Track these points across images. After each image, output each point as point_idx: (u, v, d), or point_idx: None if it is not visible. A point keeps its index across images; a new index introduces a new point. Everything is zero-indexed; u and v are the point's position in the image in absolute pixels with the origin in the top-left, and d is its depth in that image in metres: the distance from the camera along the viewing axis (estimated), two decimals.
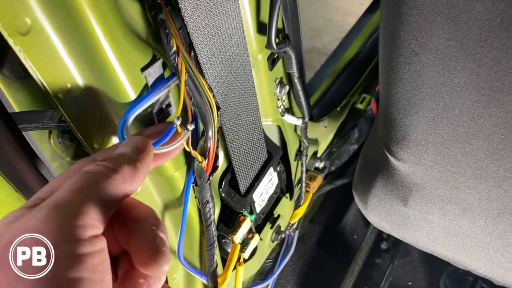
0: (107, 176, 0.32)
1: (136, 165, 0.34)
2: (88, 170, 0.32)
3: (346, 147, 1.11)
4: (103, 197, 0.30)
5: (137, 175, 0.34)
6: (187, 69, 0.41)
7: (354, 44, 1.38)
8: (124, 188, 0.32)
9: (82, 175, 0.31)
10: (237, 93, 0.56)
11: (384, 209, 0.68)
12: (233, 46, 0.51)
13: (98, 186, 0.30)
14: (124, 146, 0.36)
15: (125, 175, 0.32)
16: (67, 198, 0.29)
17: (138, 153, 0.35)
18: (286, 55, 0.63)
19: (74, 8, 0.34)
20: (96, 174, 0.32)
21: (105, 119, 0.42)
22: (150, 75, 0.41)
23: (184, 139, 0.42)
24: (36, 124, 0.52)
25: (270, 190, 0.76)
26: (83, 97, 0.39)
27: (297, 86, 0.68)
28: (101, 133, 0.43)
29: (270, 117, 0.70)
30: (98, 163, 0.33)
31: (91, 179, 0.31)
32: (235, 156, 0.62)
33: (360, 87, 1.21)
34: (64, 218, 0.28)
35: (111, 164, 0.32)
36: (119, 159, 0.34)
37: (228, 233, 0.70)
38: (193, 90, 0.43)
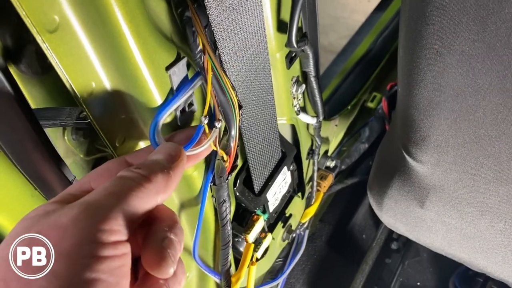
0: (140, 184, 0.31)
1: (170, 173, 0.34)
2: (124, 176, 0.32)
3: (356, 146, 1.10)
4: (134, 204, 0.30)
5: (170, 183, 0.34)
6: (212, 68, 0.41)
7: (364, 42, 1.37)
8: (156, 197, 0.32)
9: (117, 180, 0.32)
10: (256, 91, 0.55)
11: (400, 210, 0.68)
12: (254, 44, 0.50)
13: (131, 194, 0.30)
14: (158, 153, 0.35)
15: (158, 184, 0.32)
16: (99, 201, 0.29)
17: (171, 160, 0.35)
18: (303, 53, 0.63)
19: (102, 5, 0.33)
20: (131, 181, 0.31)
21: (128, 117, 0.42)
22: (174, 74, 0.41)
23: (213, 138, 0.41)
24: (54, 121, 0.51)
25: (283, 189, 0.75)
26: (108, 95, 0.39)
27: (313, 84, 0.68)
28: (123, 131, 0.42)
29: (285, 116, 0.70)
30: (133, 169, 0.33)
31: (126, 185, 0.31)
32: (251, 155, 0.62)
33: (370, 86, 1.20)
34: (92, 220, 0.28)
35: (145, 172, 0.32)
36: (153, 167, 0.33)
37: (241, 232, 0.70)
38: (218, 89, 0.42)
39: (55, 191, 0.46)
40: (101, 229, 0.28)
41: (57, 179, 0.45)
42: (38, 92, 0.59)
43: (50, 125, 0.52)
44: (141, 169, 0.33)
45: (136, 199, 0.31)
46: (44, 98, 0.59)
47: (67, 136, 0.67)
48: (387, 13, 1.47)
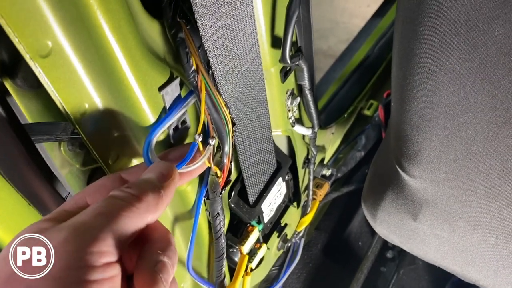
0: (130, 204, 0.32)
1: (160, 193, 0.34)
2: (114, 196, 0.32)
3: (352, 154, 1.11)
4: (124, 225, 0.31)
5: (161, 203, 0.34)
6: (206, 87, 0.41)
7: (362, 49, 1.37)
8: (146, 217, 0.32)
9: (107, 200, 0.32)
10: (250, 106, 0.55)
11: (393, 223, 0.68)
12: (248, 61, 0.51)
13: (120, 214, 0.31)
14: (149, 172, 0.36)
15: (148, 204, 0.33)
16: (88, 222, 0.30)
17: (163, 180, 0.35)
18: (298, 67, 0.63)
19: (95, 30, 0.33)
20: (121, 201, 0.32)
21: (121, 136, 0.42)
22: (167, 94, 0.41)
23: (207, 155, 0.42)
24: (49, 136, 0.52)
25: (278, 200, 0.76)
26: (100, 115, 0.39)
27: (308, 97, 0.68)
28: (116, 149, 0.43)
29: (280, 128, 0.70)
30: (123, 189, 0.33)
31: (115, 205, 0.31)
32: (246, 167, 0.62)
33: (367, 93, 1.20)
34: (81, 242, 0.28)
35: (136, 192, 0.33)
36: (144, 186, 0.34)
37: (236, 243, 0.70)
38: (211, 107, 0.42)
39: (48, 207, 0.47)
40: (90, 251, 0.28)
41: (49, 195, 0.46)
42: (34, 106, 0.59)
43: (45, 140, 0.53)
44: (131, 189, 0.33)
45: (125, 219, 0.31)
46: (40, 111, 0.59)
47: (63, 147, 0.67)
48: (385, 20, 1.47)
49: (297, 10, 0.51)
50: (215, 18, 0.42)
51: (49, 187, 0.44)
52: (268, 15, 0.55)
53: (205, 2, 0.40)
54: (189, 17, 0.38)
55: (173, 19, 0.38)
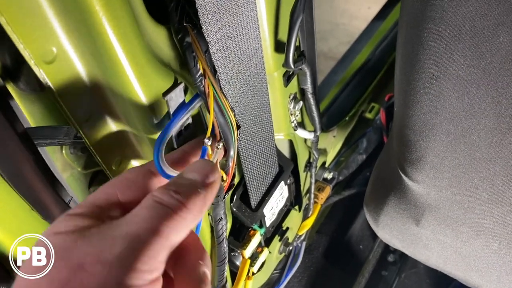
0: (178, 214, 0.29)
1: (205, 198, 0.31)
2: (161, 201, 0.29)
3: (354, 157, 1.10)
4: (173, 238, 0.28)
5: (204, 209, 0.31)
6: (212, 90, 0.41)
7: (363, 52, 1.37)
8: (189, 226, 0.30)
9: (155, 206, 0.29)
10: (253, 111, 0.55)
11: (396, 228, 0.68)
12: (252, 66, 0.50)
13: (170, 227, 0.28)
14: (194, 172, 0.33)
15: (194, 212, 0.30)
16: (142, 237, 0.28)
17: (207, 183, 0.32)
18: (301, 71, 0.63)
19: (100, 37, 0.33)
20: (169, 210, 0.29)
21: (125, 142, 0.42)
22: (171, 100, 0.41)
23: (216, 157, 0.42)
24: (52, 140, 0.51)
25: (280, 204, 0.75)
26: (105, 122, 0.39)
27: (310, 101, 0.68)
28: (119, 155, 0.43)
29: (283, 132, 0.70)
30: (172, 194, 0.30)
31: (165, 216, 0.29)
32: (248, 171, 0.62)
33: (369, 96, 1.20)
34: (136, 258, 0.27)
35: (184, 198, 0.30)
36: (191, 191, 0.31)
37: (238, 247, 0.70)
38: (217, 111, 0.42)
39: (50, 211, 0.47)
40: (143, 269, 0.26)
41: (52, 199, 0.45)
42: (37, 109, 0.59)
43: (47, 144, 0.52)
44: (180, 195, 0.30)
45: (175, 232, 0.29)
46: (42, 115, 0.59)
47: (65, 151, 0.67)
48: (386, 22, 1.47)
49: (301, 15, 0.51)
50: (220, 23, 0.42)
51: (51, 192, 0.44)
52: (272, 20, 0.54)
53: (210, 8, 0.40)
54: (195, 21, 0.38)
55: (179, 23, 0.38)
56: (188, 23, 0.38)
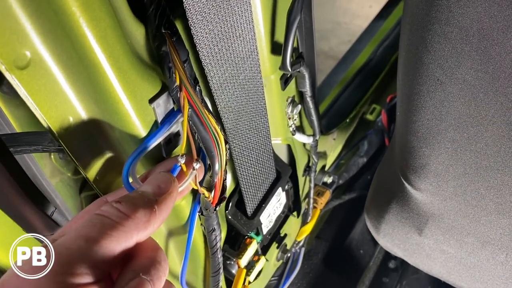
0: (117, 222, 0.30)
1: (154, 208, 0.32)
2: (100, 213, 0.30)
3: (354, 160, 1.08)
4: (106, 246, 0.29)
5: (153, 219, 0.31)
6: (191, 103, 0.38)
7: (364, 51, 1.34)
8: (133, 236, 0.30)
9: (92, 218, 0.30)
10: (249, 116, 0.53)
11: (398, 236, 0.66)
12: (247, 69, 0.48)
13: (103, 234, 0.29)
14: (147, 184, 0.34)
15: (138, 221, 0.30)
16: (66, 244, 0.28)
17: (159, 193, 0.33)
18: (299, 74, 0.60)
19: (78, 39, 0.31)
20: (105, 219, 0.30)
21: (109, 152, 0.39)
22: (158, 107, 0.38)
23: (190, 179, 0.39)
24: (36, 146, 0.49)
25: (277, 211, 0.73)
26: (86, 131, 0.36)
27: (309, 104, 0.65)
28: (104, 165, 0.40)
29: (280, 136, 0.68)
30: (113, 204, 0.31)
31: (98, 224, 0.29)
32: (243, 178, 0.59)
33: (370, 97, 1.18)
34: (60, 265, 0.27)
35: (125, 208, 0.30)
36: (136, 200, 0.32)
37: (233, 256, 0.67)
38: (198, 125, 0.39)
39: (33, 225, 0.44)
40: (64, 272, 0.27)
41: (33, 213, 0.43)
42: (21, 113, 0.56)
43: (32, 151, 0.50)
44: (121, 204, 0.31)
45: (109, 240, 0.29)
46: (28, 119, 0.57)
47: (54, 156, 0.65)
48: (388, 22, 1.44)
49: (298, 15, 0.48)
50: (211, 24, 0.40)
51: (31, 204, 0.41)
52: (268, 20, 0.52)
53: (200, 9, 0.37)
54: (175, 28, 0.35)
55: (157, 30, 0.35)
56: (167, 29, 0.35)
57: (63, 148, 0.48)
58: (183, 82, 0.37)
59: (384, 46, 1.33)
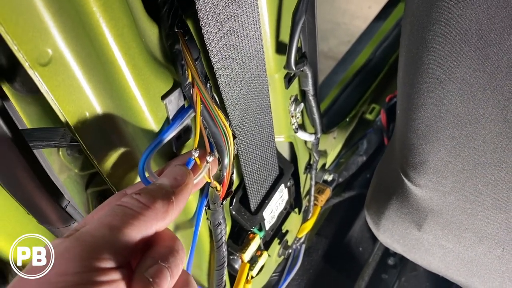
0: (137, 212, 0.31)
1: (171, 199, 0.33)
2: (121, 203, 0.32)
3: (354, 158, 1.10)
4: (128, 234, 0.30)
5: (171, 210, 0.33)
6: (202, 100, 0.40)
7: (364, 52, 1.36)
8: (154, 225, 0.32)
9: (114, 208, 0.32)
10: (254, 113, 0.54)
11: (397, 232, 0.67)
12: (253, 68, 0.49)
13: (125, 223, 0.30)
14: (164, 177, 0.35)
15: (157, 211, 0.32)
16: (90, 232, 0.30)
17: (176, 185, 0.35)
18: (302, 73, 0.62)
19: (97, 38, 0.32)
20: (126, 209, 0.31)
21: (122, 146, 0.41)
22: (170, 103, 0.40)
23: (204, 172, 0.41)
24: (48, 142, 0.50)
25: (280, 207, 0.75)
26: (101, 124, 0.38)
27: (311, 103, 0.67)
28: (117, 160, 0.41)
29: (283, 134, 0.69)
30: (133, 195, 0.32)
31: (120, 214, 0.31)
32: (248, 174, 0.61)
33: (369, 97, 1.19)
34: (80, 250, 0.28)
35: (144, 199, 0.32)
36: (155, 192, 0.33)
37: (237, 251, 0.69)
38: (208, 120, 0.41)
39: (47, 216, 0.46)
40: (90, 257, 0.28)
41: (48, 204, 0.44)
42: (33, 111, 0.58)
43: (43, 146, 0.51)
44: (141, 196, 0.33)
45: (130, 228, 0.30)
46: (39, 116, 0.58)
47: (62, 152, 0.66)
48: (387, 23, 1.45)
49: (303, 16, 0.50)
50: (220, 24, 0.41)
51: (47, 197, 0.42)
52: (273, 20, 0.53)
53: (211, 9, 0.39)
54: (187, 27, 0.37)
55: (170, 29, 0.37)
56: (180, 28, 0.36)
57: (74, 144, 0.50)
58: (195, 79, 0.39)
59: (384, 46, 1.35)
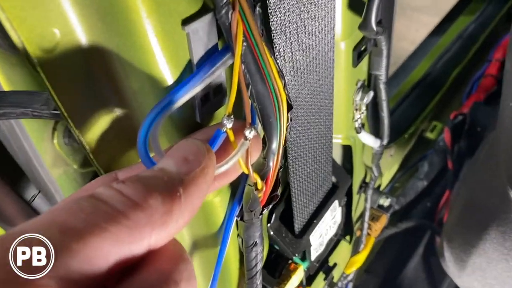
0: (118, 211, 0.19)
1: (177, 192, 0.20)
2: (94, 195, 0.19)
3: (413, 182, 0.93)
4: (96, 245, 0.18)
5: (176, 210, 0.20)
6: (247, 35, 0.25)
7: (420, 66, 1.23)
8: (144, 236, 0.19)
9: (79, 201, 0.19)
10: (312, 90, 0.39)
11: (494, 274, 0.49)
12: (317, 16, 0.34)
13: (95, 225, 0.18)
14: (168, 157, 0.22)
15: (152, 212, 0.19)
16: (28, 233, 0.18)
17: (186, 169, 0.22)
18: (375, 48, 0.46)
19: None
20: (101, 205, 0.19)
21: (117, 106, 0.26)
22: (195, 34, 0.25)
23: (239, 154, 0.26)
24: (24, 109, 0.36)
25: (330, 231, 0.58)
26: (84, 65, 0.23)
27: (382, 93, 0.51)
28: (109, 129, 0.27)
29: (342, 133, 0.53)
30: (114, 185, 0.20)
31: (88, 210, 0.19)
32: (295, 180, 0.45)
33: (430, 113, 1.04)
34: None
35: (132, 190, 0.20)
36: (151, 180, 0.21)
37: (272, 285, 0.53)
38: (254, 72, 0.26)
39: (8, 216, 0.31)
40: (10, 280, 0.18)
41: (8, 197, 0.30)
42: (19, 75, 0.44)
43: (18, 115, 0.37)
44: (126, 185, 0.20)
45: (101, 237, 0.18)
46: (27, 83, 0.45)
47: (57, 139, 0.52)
48: (446, 37, 1.34)
49: None
50: None
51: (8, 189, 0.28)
52: None
53: None
54: None
55: None
56: None
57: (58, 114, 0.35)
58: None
59: (444, 60, 1.22)
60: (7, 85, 0.43)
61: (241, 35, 0.24)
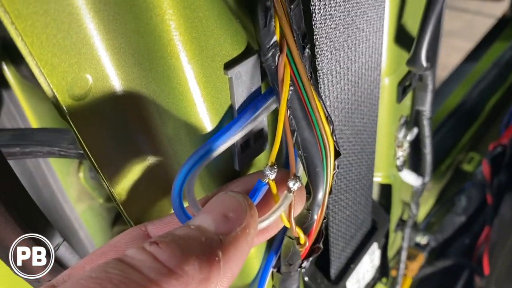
0: (151, 280, 0.17)
1: (216, 256, 0.18)
2: (123, 259, 0.17)
3: (450, 217, 0.88)
4: None
5: (214, 278, 0.18)
6: (294, 79, 0.22)
7: (455, 93, 1.18)
8: None
9: (108, 267, 0.17)
10: (355, 130, 0.36)
11: None
12: (365, 53, 0.32)
13: None
14: (204, 213, 0.20)
15: (188, 281, 0.17)
16: None
17: (225, 229, 0.19)
18: (420, 83, 0.43)
19: None
20: (132, 272, 0.17)
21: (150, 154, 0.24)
22: (238, 79, 0.23)
23: (283, 208, 0.23)
24: (51, 148, 0.35)
25: (368, 276, 0.54)
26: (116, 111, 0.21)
27: (425, 129, 0.48)
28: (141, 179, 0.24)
29: (382, 171, 0.50)
30: (147, 247, 0.18)
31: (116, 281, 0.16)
32: (334, 225, 0.42)
33: (466, 144, 0.99)
34: None
35: (167, 255, 0.17)
36: (187, 242, 0.18)
37: None
38: (301, 118, 0.23)
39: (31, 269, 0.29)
40: None
41: None
42: (43, 106, 0.43)
43: (45, 154, 0.35)
44: (160, 248, 0.18)
45: None
46: (51, 114, 0.43)
47: (84, 173, 0.51)
48: (481, 64, 1.28)
49: None
50: None
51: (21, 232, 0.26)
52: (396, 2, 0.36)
53: None
54: None
55: None
56: None
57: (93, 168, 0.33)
58: (286, 36, 0.21)
59: (480, 88, 1.16)
60: (34, 119, 0.42)
61: (288, 79, 0.22)
